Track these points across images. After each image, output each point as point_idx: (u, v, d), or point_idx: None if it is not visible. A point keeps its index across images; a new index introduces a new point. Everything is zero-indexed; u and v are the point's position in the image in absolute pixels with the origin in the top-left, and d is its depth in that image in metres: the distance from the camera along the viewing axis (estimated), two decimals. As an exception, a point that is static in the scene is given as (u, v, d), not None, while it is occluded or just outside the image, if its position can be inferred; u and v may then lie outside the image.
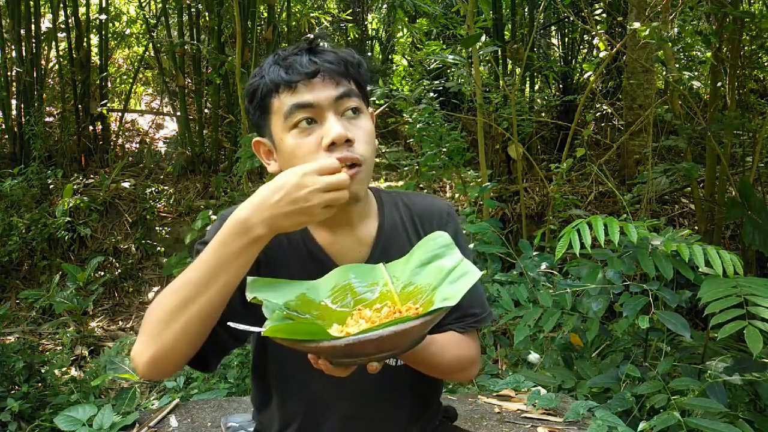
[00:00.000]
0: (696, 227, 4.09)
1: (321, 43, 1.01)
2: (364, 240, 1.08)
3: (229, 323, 0.81)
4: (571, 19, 4.98)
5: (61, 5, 5.84)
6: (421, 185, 4.15)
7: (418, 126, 3.79)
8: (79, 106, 5.88)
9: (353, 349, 0.75)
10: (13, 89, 5.57)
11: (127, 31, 7.09)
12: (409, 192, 1.23)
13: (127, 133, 6.71)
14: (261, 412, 1.19)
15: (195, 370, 1.01)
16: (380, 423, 1.11)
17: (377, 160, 5.62)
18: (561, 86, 6.75)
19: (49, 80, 6.43)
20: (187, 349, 0.91)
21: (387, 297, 0.92)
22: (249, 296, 0.88)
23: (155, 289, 4.83)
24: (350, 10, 7.43)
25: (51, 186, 5.27)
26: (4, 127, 5.71)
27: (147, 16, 6.70)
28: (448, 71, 5.54)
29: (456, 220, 1.14)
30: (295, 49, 1.00)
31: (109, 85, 6.74)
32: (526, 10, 6.31)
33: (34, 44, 5.62)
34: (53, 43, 6.07)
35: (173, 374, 1.09)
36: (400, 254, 1.00)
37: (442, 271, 0.89)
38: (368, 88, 1.06)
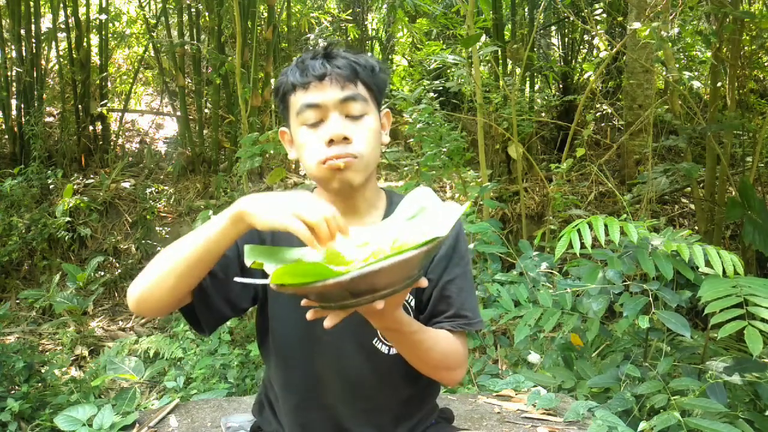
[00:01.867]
0: (696, 227, 4.09)
1: (337, 49, 1.10)
2: None
3: (236, 278, 0.90)
4: (571, 19, 4.98)
5: (61, 5, 5.84)
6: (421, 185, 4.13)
7: (418, 126, 3.79)
8: (79, 106, 5.88)
9: (358, 284, 0.76)
10: (13, 89, 5.56)
11: (127, 31, 7.09)
12: None
13: (127, 133, 6.71)
14: (272, 392, 1.22)
15: (195, 369, 1.04)
16: (374, 410, 1.14)
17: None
18: (561, 86, 6.75)
19: (49, 80, 6.43)
20: (166, 297, 0.99)
21: (378, 254, 0.93)
22: (248, 262, 0.91)
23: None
24: (350, 10, 7.43)
25: (51, 186, 5.26)
26: (4, 127, 5.71)
27: (147, 16, 6.70)
28: (448, 71, 5.54)
29: (460, 224, 1.18)
30: (313, 53, 1.10)
31: (109, 85, 6.74)
32: (526, 10, 6.31)
33: (34, 44, 5.62)
34: (53, 43, 6.07)
35: (155, 316, 1.19)
36: None
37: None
38: (384, 90, 1.15)
